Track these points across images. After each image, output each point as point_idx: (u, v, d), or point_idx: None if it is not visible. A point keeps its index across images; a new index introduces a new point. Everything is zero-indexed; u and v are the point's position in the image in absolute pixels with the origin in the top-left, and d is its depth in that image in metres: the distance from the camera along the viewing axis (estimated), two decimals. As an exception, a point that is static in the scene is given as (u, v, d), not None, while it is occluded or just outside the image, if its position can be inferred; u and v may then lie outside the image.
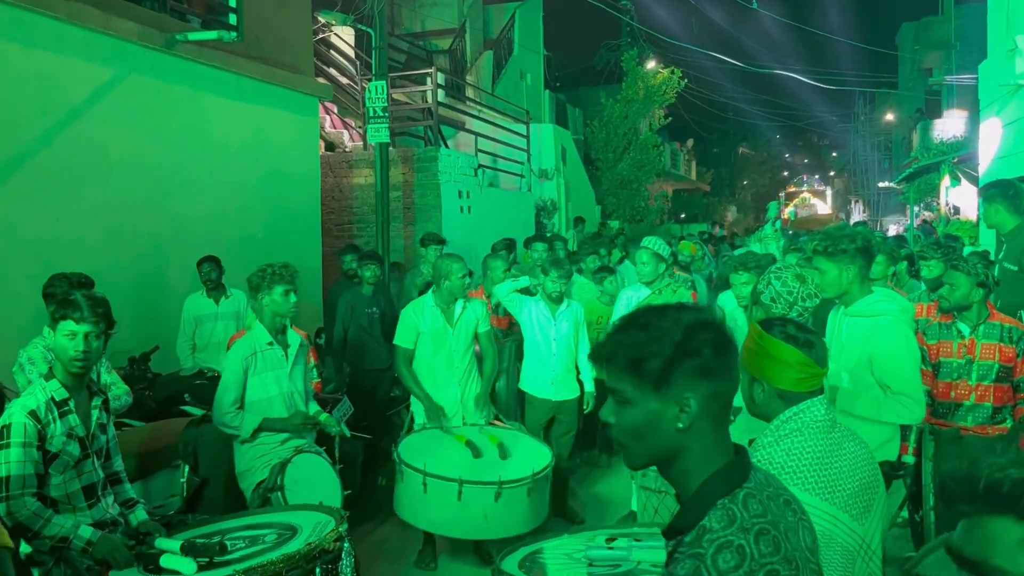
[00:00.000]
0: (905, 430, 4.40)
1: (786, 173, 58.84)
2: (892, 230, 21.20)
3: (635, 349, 1.42)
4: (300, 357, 4.44)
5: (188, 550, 3.01)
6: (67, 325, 3.11)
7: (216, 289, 6.57)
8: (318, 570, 3.07)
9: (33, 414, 3.03)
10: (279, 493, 3.90)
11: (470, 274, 6.19)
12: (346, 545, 3.26)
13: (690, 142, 35.30)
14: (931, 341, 4.32)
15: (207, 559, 3.00)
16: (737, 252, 10.46)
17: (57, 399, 3.13)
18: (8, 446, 2.99)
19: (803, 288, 3.14)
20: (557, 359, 5.69)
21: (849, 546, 2.04)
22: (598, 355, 1.50)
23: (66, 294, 3.37)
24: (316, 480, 4.11)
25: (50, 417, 3.08)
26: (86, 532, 3.04)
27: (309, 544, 3.05)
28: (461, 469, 4.37)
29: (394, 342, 5.30)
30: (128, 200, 6.76)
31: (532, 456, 4.70)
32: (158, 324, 6.68)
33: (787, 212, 36.75)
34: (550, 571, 3.11)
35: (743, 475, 1.45)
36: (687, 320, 1.43)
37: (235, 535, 3.30)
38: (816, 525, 1.96)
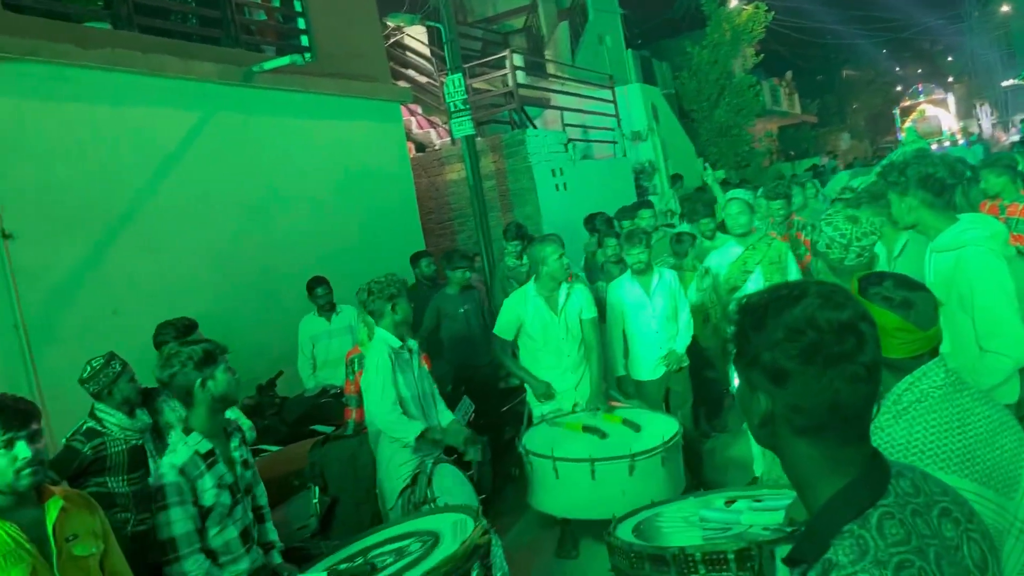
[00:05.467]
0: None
1: (899, 88, 55.26)
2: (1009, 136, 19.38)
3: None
4: (418, 360, 4.42)
5: None
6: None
7: (329, 309, 6.70)
8: (477, 566, 2.98)
9: (183, 471, 3.00)
10: (430, 505, 3.87)
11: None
12: (493, 537, 3.20)
13: (789, 75, 33.68)
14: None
15: None
16: (855, 183, 9.77)
17: (202, 452, 3.09)
18: (167, 507, 2.95)
19: (856, 228, 2.94)
20: (660, 335, 5.46)
21: (999, 525, 1.75)
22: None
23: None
24: (455, 488, 4.09)
25: (198, 472, 3.04)
26: None
27: (463, 543, 2.96)
28: (591, 450, 4.23)
29: (494, 331, 5.24)
30: (232, 233, 7.00)
31: (660, 427, 4.53)
32: (279, 349, 6.88)
33: (904, 129, 34.52)
34: (663, 534, 3.10)
35: (878, 489, 1.22)
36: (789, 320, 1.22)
37: (376, 552, 3.24)
38: None
